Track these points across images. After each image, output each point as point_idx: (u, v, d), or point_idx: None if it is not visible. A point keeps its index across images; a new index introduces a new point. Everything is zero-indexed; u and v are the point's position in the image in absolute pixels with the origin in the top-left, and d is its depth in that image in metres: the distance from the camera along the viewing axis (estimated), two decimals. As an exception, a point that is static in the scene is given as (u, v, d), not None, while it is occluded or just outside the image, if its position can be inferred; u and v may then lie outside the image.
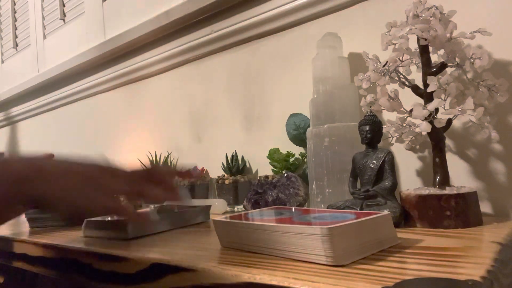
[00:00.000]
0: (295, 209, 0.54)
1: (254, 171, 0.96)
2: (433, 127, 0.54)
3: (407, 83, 0.60)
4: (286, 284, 0.30)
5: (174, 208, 0.69)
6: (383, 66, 0.60)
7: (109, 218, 0.62)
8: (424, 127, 0.54)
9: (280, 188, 0.69)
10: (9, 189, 0.38)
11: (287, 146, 0.84)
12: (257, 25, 0.93)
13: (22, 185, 0.38)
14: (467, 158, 0.65)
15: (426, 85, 0.55)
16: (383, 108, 0.60)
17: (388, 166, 0.57)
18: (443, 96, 0.56)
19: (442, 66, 0.56)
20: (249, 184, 0.87)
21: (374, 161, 0.58)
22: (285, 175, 0.71)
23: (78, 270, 0.50)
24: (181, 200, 0.50)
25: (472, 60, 0.54)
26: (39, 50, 1.72)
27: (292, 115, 0.84)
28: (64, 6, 1.60)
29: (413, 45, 0.59)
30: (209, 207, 0.72)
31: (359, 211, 0.51)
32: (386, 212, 0.44)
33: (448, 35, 0.55)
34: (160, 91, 1.22)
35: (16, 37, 1.90)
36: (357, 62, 0.75)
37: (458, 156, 0.66)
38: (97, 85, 1.40)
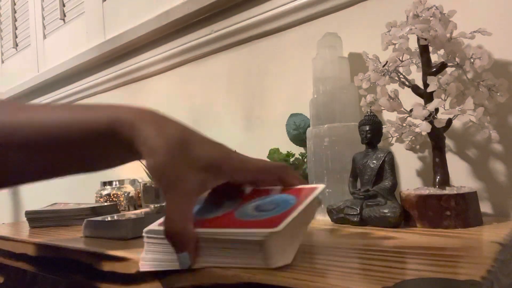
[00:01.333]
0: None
1: (254, 171, 0.96)
2: (433, 127, 0.54)
3: (407, 83, 0.60)
4: (286, 284, 0.30)
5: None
6: (383, 66, 0.60)
7: (109, 218, 0.62)
8: (424, 127, 0.54)
9: (280, 188, 0.69)
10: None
11: (287, 146, 0.84)
12: (257, 25, 0.93)
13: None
14: (467, 158, 0.65)
15: (426, 85, 0.55)
16: (383, 108, 0.60)
17: (388, 166, 0.57)
18: (443, 96, 0.56)
19: (442, 66, 0.56)
20: (249, 184, 0.86)
21: (374, 161, 0.58)
22: (285, 175, 0.71)
23: (78, 270, 0.50)
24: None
25: (472, 60, 0.54)
26: (39, 50, 1.72)
27: (292, 115, 0.84)
28: (64, 6, 1.60)
29: (413, 45, 0.59)
30: (209, 207, 0.72)
31: (297, 187, 0.42)
32: (321, 185, 0.41)
33: (448, 35, 0.55)
34: (160, 91, 1.22)
35: (16, 37, 1.90)
36: (357, 62, 0.75)
37: (458, 156, 0.66)
38: (97, 85, 1.40)
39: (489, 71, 0.55)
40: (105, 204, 0.87)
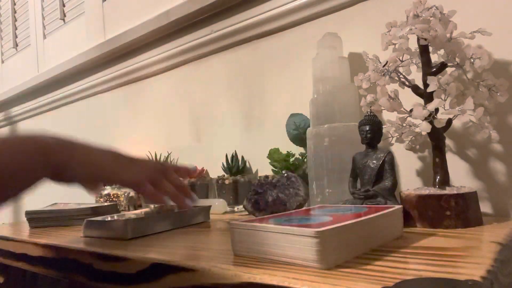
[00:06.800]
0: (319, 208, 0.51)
1: (254, 171, 0.96)
2: (433, 127, 0.54)
3: (407, 83, 0.60)
4: (286, 284, 0.30)
5: (174, 208, 0.69)
6: (383, 66, 0.60)
7: (109, 218, 0.62)
8: (424, 127, 0.54)
9: (280, 188, 0.69)
10: (35, 156, 0.43)
11: (287, 146, 0.84)
12: (257, 25, 0.93)
13: (48, 155, 0.43)
14: (467, 158, 0.65)
15: (426, 85, 0.55)
16: (383, 108, 0.60)
17: (388, 166, 0.57)
18: (443, 96, 0.56)
19: (442, 66, 0.56)
20: (249, 184, 0.86)
21: (374, 161, 0.58)
22: (285, 175, 0.71)
23: (78, 270, 0.50)
24: (187, 206, 0.54)
25: (472, 60, 0.54)
26: (39, 50, 1.72)
27: (292, 115, 0.84)
28: (64, 6, 1.60)
29: (413, 45, 0.59)
30: (209, 207, 0.72)
31: (373, 205, 0.51)
32: (397, 206, 0.45)
33: (448, 35, 0.55)
34: (160, 91, 1.22)
35: (16, 37, 1.90)
36: (357, 62, 0.75)
37: (458, 156, 0.66)
38: (97, 85, 1.40)
39: (489, 71, 0.55)
40: (105, 204, 0.87)
